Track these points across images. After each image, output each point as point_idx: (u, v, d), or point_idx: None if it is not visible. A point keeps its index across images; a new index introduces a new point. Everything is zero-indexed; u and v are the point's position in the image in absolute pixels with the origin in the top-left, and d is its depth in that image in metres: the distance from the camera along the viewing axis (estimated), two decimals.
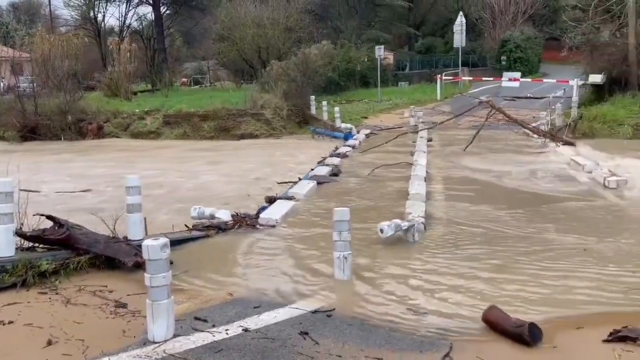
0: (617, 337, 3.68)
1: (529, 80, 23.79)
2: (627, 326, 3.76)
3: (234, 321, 4.17)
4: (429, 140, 15.31)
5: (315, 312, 4.37)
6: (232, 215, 7.19)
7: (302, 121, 19.79)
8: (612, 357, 3.48)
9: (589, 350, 3.63)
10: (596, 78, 18.17)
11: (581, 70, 19.93)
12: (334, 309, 4.42)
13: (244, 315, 4.29)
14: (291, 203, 8.13)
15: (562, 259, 5.52)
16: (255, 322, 4.16)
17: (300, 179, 9.95)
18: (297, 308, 4.42)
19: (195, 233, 6.60)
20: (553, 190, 8.98)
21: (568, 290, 4.71)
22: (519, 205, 7.98)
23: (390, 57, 34.11)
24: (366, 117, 21.15)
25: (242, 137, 18.26)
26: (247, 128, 18.63)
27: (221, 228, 6.77)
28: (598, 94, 18.57)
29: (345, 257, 5.13)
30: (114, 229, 6.01)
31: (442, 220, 7.29)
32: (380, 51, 24.90)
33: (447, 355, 3.61)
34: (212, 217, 7.01)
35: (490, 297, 4.54)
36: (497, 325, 3.91)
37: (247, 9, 30.93)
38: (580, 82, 18.71)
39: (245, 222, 7.05)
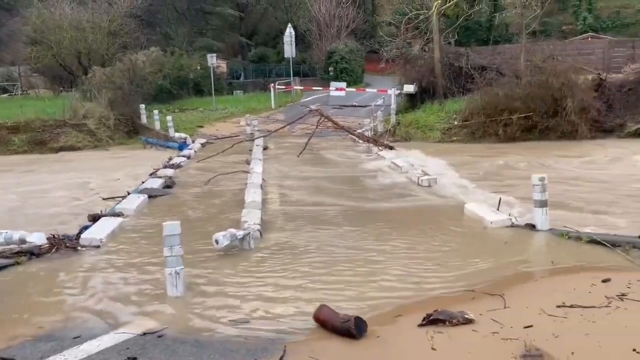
0: (429, 321, 4.09)
1: (354, 90, 25.47)
2: (437, 310, 4.20)
3: (49, 356, 3.73)
4: (265, 148, 15.56)
5: (144, 334, 4.11)
6: (48, 238, 6.47)
7: (131, 131, 18.68)
8: (426, 339, 3.85)
9: (406, 335, 3.98)
10: (409, 88, 20.16)
11: (397, 81, 21.95)
12: (166, 328, 4.21)
13: (60, 348, 3.86)
14: (119, 220, 7.58)
15: (383, 255, 5.99)
16: (74, 354, 3.77)
17: (129, 194, 9.34)
18: (124, 332, 4.11)
19: (0, 261, 5.77)
20: (376, 191, 9.73)
21: (389, 283, 5.12)
22: (347, 206, 8.49)
23: (224, 66, 33.96)
24: (201, 126, 20.73)
25: (62, 149, 16.58)
26: (68, 140, 16.96)
27: (34, 253, 6.04)
28: (412, 102, 20.63)
29: (178, 273, 4.93)
30: None
31: (278, 226, 7.43)
32: (212, 59, 24.63)
33: (281, 359, 3.66)
34: (23, 241, 6.22)
35: (323, 297, 4.72)
36: (327, 323, 4.08)
37: (63, 11, 28.23)
38: (397, 92, 20.62)
39: (64, 244, 6.39)
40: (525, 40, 18.43)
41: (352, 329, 3.89)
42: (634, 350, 3.43)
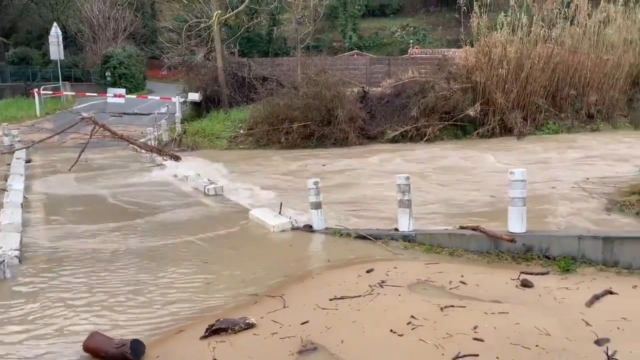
0: (212, 332, 4.04)
1: (135, 97, 24.17)
2: (219, 319, 4.17)
3: None
4: (28, 161, 13.72)
5: None
6: None
7: None
8: (209, 351, 3.79)
9: (188, 350, 3.86)
10: (194, 96, 19.96)
11: (182, 88, 21.52)
12: None
13: None
14: None
15: (166, 269, 5.74)
16: None
17: None
18: None
19: None
20: (160, 203, 9.31)
21: (171, 298, 4.92)
22: (128, 221, 7.94)
23: None
24: None
25: None
26: None
27: None
28: (197, 110, 20.45)
29: None
30: None
31: (42, 250, 6.55)
32: None
33: None
34: None
35: (94, 326, 4.29)
36: (99, 351, 3.72)
37: None
38: (182, 100, 20.20)
39: None
40: (300, 54, 19.80)
41: (127, 353, 3.61)
42: (391, 330, 3.90)
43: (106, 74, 32.27)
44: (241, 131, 17.66)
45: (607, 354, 3.44)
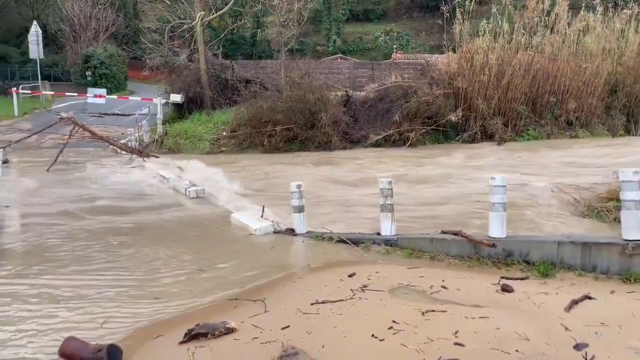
0: (191, 336, 3.97)
1: (116, 97, 23.87)
2: (199, 324, 4.11)
3: None
4: (5, 162, 13.42)
5: None
6: None
7: None
8: (187, 357, 3.73)
9: (166, 356, 3.80)
10: (176, 97, 19.74)
11: (164, 89, 21.28)
12: None
13: None
14: None
15: (146, 272, 5.65)
16: None
17: None
18: None
19: None
20: (140, 205, 9.18)
21: (150, 302, 4.84)
22: (106, 226, 7.79)
23: None
24: None
25: None
26: None
27: None
28: (179, 112, 20.25)
29: None
30: None
31: (15, 254, 6.40)
32: None
33: None
34: None
35: (69, 330, 4.20)
36: (74, 356, 3.63)
37: None
38: (164, 101, 19.99)
39: None
40: (284, 57, 19.75)
41: (104, 359, 3.54)
42: (372, 335, 3.88)
43: (86, 74, 31.81)
44: (224, 133, 17.53)
45: (585, 358, 3.48)
